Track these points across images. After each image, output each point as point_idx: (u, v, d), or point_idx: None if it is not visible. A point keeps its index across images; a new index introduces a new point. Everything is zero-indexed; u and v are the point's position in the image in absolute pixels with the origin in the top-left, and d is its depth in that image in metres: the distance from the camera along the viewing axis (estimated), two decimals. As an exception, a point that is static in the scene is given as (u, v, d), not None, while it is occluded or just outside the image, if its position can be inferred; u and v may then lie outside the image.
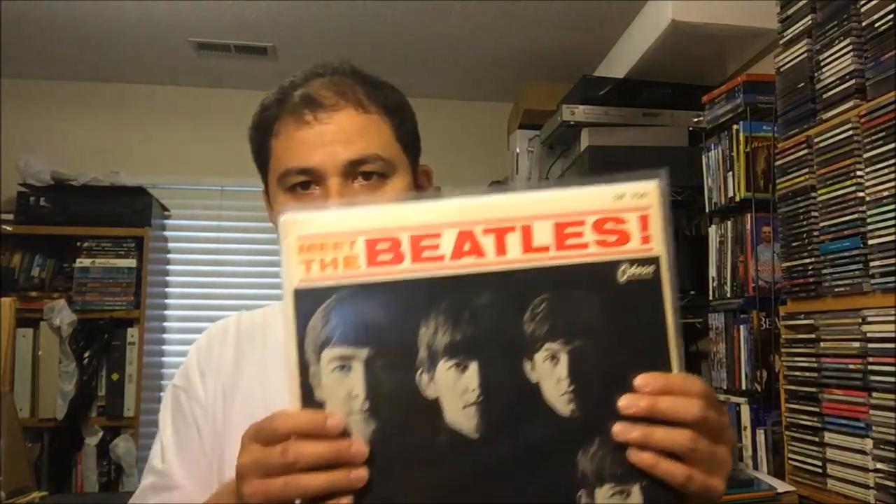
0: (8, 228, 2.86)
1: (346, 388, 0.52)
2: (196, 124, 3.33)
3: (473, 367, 0.53)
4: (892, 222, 1.42)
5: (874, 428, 1.45)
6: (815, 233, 1.63)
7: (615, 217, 0.54)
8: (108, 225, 2.91)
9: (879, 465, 1.43)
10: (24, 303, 2.72)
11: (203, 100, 3.36)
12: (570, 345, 0.53)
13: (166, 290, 3.30)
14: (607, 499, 0.53)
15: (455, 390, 0.53)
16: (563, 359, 0.53)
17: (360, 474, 0.51)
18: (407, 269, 0.53)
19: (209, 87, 3.36)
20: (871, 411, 1.45)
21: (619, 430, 0.52)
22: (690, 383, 0.53)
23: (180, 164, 3.32)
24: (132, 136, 3.31)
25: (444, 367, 0.53)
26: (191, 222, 3.38)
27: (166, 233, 3.32)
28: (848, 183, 1.53)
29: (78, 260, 2.88)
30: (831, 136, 1.58)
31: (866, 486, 1.46)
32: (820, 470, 1.60)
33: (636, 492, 0.53)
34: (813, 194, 1.64)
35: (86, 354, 2.82)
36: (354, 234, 0.54)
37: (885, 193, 1.43)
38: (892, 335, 1.40)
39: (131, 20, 2.71)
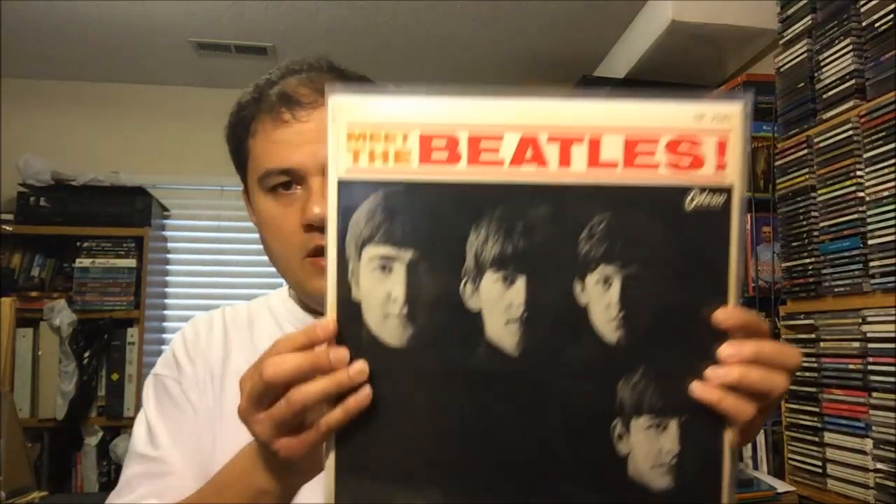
0: (8, 228, 2.86)
1: (385, 290, 0.50)
2: (196, 124, 3.33)
3: (521, 282, 0.50)
4: (892, 222, 1.42)
5: (874, 428, 1.45)
6: (815, 233, 1.63)
7: (692, 138, 0.50)
8: (108, 225, 2.90)
9: (879, 465, 1.43)
10: (24, 303, 2.72)
11: (203, 100, 3.36)
12: (626, 270, 0.50)
13: (166, 290, 3.30)
14: (642, 430, 0.51)
15: (499, 304, 0.50)
16: (616, 283, 0.50)
17: (360, 367, 0.50)
18: (462, 171, 0.50)
19: (209, 87, 3.36)
20: (871, 411, 1.45)
21: (719, 374, 0.49)
22: (762, 323, 0.51)
23: (180, 164, 3.32)
24: (132, 136, 3.31)
25: (491, 278, 0.50)
26: (191, 222, 3.38)
27: (166, 233, 3.32)
28: (848, 183, 1.53)
29: (78, 260, 2.88)
30: (831, 136, 1.58)
31: (866, 486, 1.46)
32: (820, 470, 1.60)
33: (673, 426, 0.51)
34: (813, 194, 1.64)
35: (86, 354, 2.81)
36: (409, 126, 0.50)
37: (885, 193, 1.43)
38: (892, 335, 1.40)
39: (131, 20, 2.71)
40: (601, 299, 0.50)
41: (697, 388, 0.50)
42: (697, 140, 0.50)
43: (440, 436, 0.51)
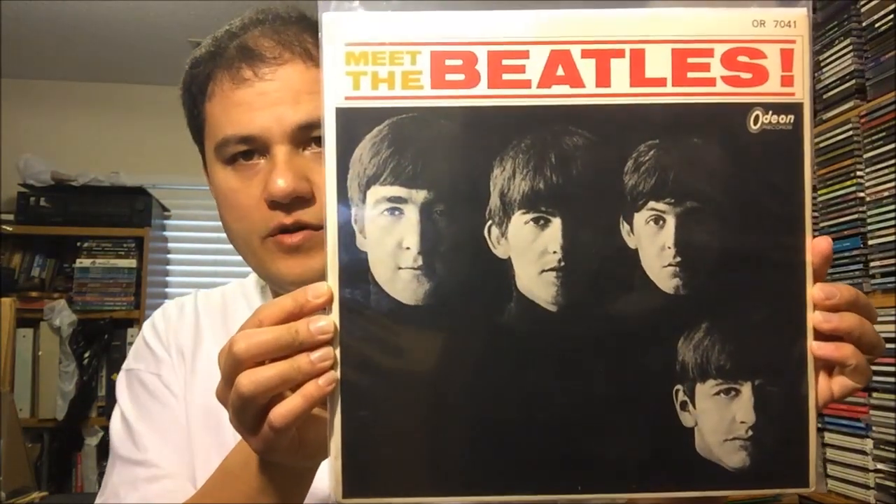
0: (8, 228, 2.86)
1: (395, 238, 0.43)
2: (196, 124, 3.32)
3: (556, 224, 0.43)
4: (892, 222, 1.42)
5: (874, 428, 1.45)
6: (815, 233, 1.63)
7: (752, 48, 0.43)
8: (108, 225, 2.90)
9: (879, 466, 1.43)
10: (24, 303, 2.73)
11: (203, 100, 3.35)
12: (681, 206, 0.43)
13: (166, 290, 3.30)
14: (709, 398, 0.43)
15: (532, 250, 0.43)
16: (671, 222, 0.43)
17: (324, 353, 0.43)
18: (482, 94, 0.43)
19: (209, 87, 3.36)
20: (871, 411, 1.45)
21: (832, 320, 0.43)
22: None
23: (180, 164, 3.29)
24: (132, 136, 3.31)
25: (520, 220, 0.43)
26: (191, 222, 3.38)
27: (166, 233, 3.32)
28: (848, 183, 1.53)
29: (78, 260, 2.87)
30: (831, 136, 1.58)
31: (866, 487, 1.46)
32: (820, 470, 1.60)
33: (746, 392, 0.43)
34: (813, 194, 1.64)
35: (86, 354, 2.81)
36: (418, 43, 0.43)
37: (885, 193, 1.43)
38: (893, 335, 1.40)
39: (131, 20, 2.71)
40: (653, 242, 0.43)
41: (818, 347, 0.43)
42: (759, 50, 0.43)
43: (467, 410, 0.43)
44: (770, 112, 0.44)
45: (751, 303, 0.44)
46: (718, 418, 0.43)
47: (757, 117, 0.44)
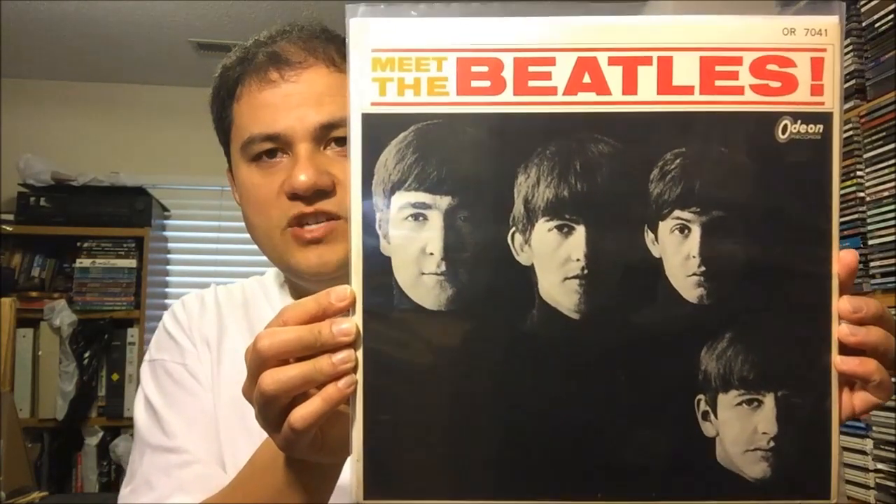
0: (8, 228, 2.86)
1: (418, 243, 0.43)
2: (196, 124, 3.29)
3: (580, 232, 0.43)
4: (892, 222, 1.42)
5: (874, 428, 1.45)
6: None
7: (781, 57, 0.43)
8: (108, 225, 2.90)
9: (879, 466, 1.43)
10: (24, 303, 2.73)
11: (203, 100, 3.31)
12: (707, 215, 0.43)
13: (166, 290, 3.30)
14: (731, 408, 0.43)
15: (555, 258, 0.43)
16: (696, 232, 0.43)
17: (346, 355, 0.43)
18: (508, 101, 0.43)
19: (209, 87, 3.34)
20: (871, 411, 1.45)
21: (859, 333, 0.42)
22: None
23: (180, 164, 3.31)
24: (132, 136, 3.31)
25: (544, 227, 0.43)
26: (191, 222, 3.38)
27: (166, 233, 3.32)
28: (848, 183, 1.53)
29: (78, 260, 2.87)
30: (831, 137, 1.58)
31: (866, 487, 1.46)
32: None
33: (769, 403, 0.43)
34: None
35: (86, 354, 2.81)
36: (445, 50, 0.43)
37: (885, 193, 1.43)
38: (893, 335, 1.40)
39: (131, 20, 2.71)
40: (678, 251, 0.43)
41: (842, 362, 0.43)
42: (788, 59, 0.43)
43: (488, 415, 0.44)
44: (799, 121, 0.43)
45: (775, 313, 0.43)
46: (740, 429, 0.43)
47: (785, 127, 0.43)
